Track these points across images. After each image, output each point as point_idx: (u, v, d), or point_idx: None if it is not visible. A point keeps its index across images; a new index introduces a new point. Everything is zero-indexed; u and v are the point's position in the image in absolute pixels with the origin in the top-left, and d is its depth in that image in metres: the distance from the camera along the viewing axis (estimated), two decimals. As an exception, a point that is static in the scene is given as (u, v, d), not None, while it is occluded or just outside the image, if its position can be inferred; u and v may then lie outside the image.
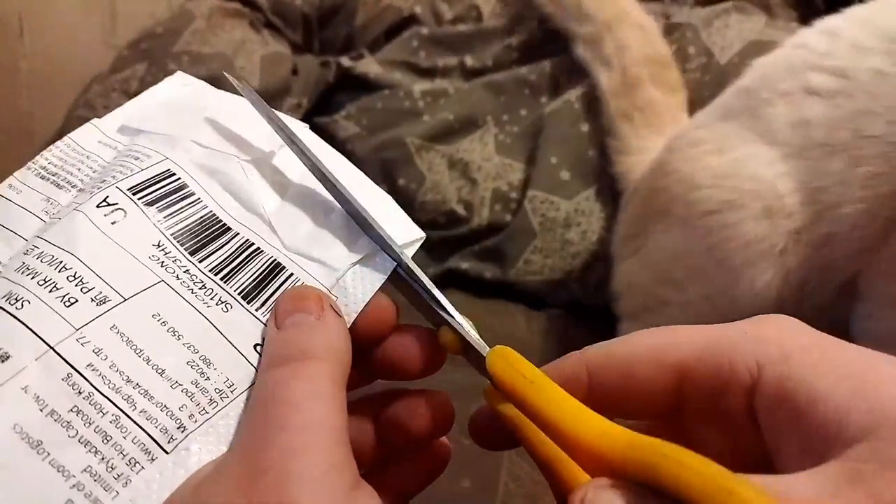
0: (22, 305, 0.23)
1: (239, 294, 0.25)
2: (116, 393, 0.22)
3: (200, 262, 0.26)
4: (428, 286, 0.26)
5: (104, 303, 0.23)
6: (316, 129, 0.96)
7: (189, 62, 0.83)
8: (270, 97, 0.89)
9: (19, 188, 0.27)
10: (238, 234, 0.27)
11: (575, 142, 0.80)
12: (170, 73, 0.82)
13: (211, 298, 0.25)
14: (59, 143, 0.29)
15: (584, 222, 0.77)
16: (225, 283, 0.25)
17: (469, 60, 0.91)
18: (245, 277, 0.26)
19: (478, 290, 0.78)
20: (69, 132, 0.92)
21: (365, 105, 0.90)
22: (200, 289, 0.25)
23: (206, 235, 0.26)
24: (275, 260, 0.27)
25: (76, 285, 0.23)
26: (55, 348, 0.22)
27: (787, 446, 0.20)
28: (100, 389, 0.22)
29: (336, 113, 0.91)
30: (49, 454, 0.21)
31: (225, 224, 0.27)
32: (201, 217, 0.27)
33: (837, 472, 0.18)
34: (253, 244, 0.27)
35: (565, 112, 0.82)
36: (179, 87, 0.32)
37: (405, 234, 0.29)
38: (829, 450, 0.18)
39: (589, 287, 0.75)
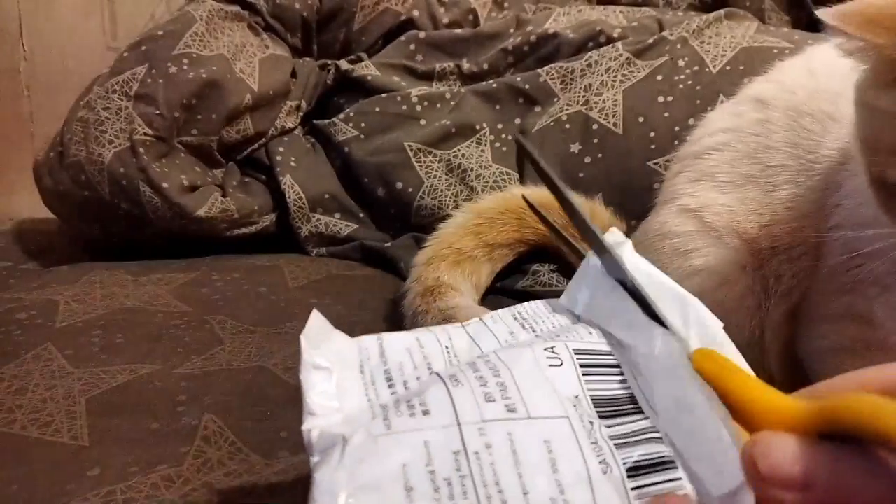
0: (455, 385, 0.28)
1: (624, 465, 0.27)
2: (483, 487, 0.25)
3: (605, 426, 0.28)
4: (649, 300, 0.30)
5: (512, 411, 0.27)
6: (315, 131, 0.97)
7: (189, 64, 0.83)
8: (270, 100, 0.90)
9: (496, 320, 0.35)
10: (646, 419, 0.29)
11: (566, 164, 0.80)
12: (170, 75, 0.83)
13: (597, 455, 0.27)
14: (533, 301, 0.36)
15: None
16: (617, 450, 0.27)
17: (465, 64, 0.92)
18: (636, 455, 0.27)
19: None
20: (69, 133, 0.91)
21: (363, 108, 0.91)
22: (593, 443, 0.27)
23: (619, 409, 0.29)
24: (670, 457, 0.27)
25: (499, 390, 0.28)
26: (461, 425, 0.26)
27: None
28: (473, 476, 0.25)
29: (335, 116, 0.92)
30: (412, 501, 0.24)
31: (638, 407, 0.29)
32: (620, 394, 0.30)
33: None
34: (656, 432, 0.28)
35: (556, 131, 0.82)
36: (603, 276, 0.34)
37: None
38: None
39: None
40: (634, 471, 0.27)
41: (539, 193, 0.72)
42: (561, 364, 0.30)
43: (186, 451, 0.44)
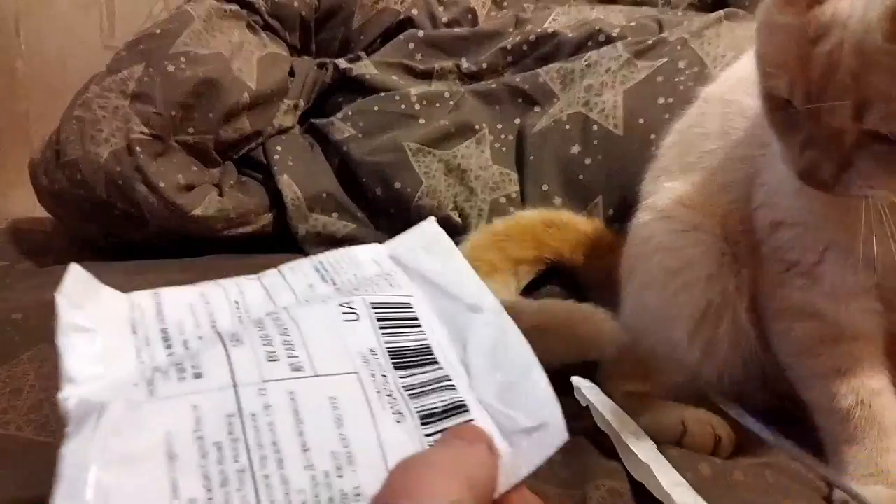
0: (236, 345, 0.27)
1: (419, 414, 0.27)
2: (259, 449, 0.24)
3: (400, 377, 0.28)
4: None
5: (297, 370, 0.26)
6: (313, 130, 0.97)
7: (187, 63, 0.83)
8: (268, 99, 0.90)
9: (295, 270, 0.33)
10: (442, 368, 0.29)
11: (566, 166, 0.80)
12: (167, 74, 0.83)
13: (391, 406, 0.27)
14: (341, 249, 0.35)
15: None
16: (412, 399, 0.27)
17: (464, 63, 0.92)
18: (431, 403, 0.28)
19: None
20: (66, 132, 0.91)
21: (361, 107, 0.90)
22: (387, 395, 0.27)
23: (415, 360, 0.29)
24: (462, 401, 0.28)
25: (285, 349, 0.27)
26: (237, 388, 0.25)
27: None
28: (247, 439, 0.24)
29: (333, 115, 0.92)
30: (174, 470, 0.23)
31: (434, 357, 0.30)
32: (417, 345, 0.30)
33: None
34: (450, 380, 0.29)
35: (556, 132, 0.82)
36: (434, 232, 0.36)
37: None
38: None
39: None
40: (429, 418, 0.27)
41: (549, 215, 0.74)
42: (357, 319, 0.29)
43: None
